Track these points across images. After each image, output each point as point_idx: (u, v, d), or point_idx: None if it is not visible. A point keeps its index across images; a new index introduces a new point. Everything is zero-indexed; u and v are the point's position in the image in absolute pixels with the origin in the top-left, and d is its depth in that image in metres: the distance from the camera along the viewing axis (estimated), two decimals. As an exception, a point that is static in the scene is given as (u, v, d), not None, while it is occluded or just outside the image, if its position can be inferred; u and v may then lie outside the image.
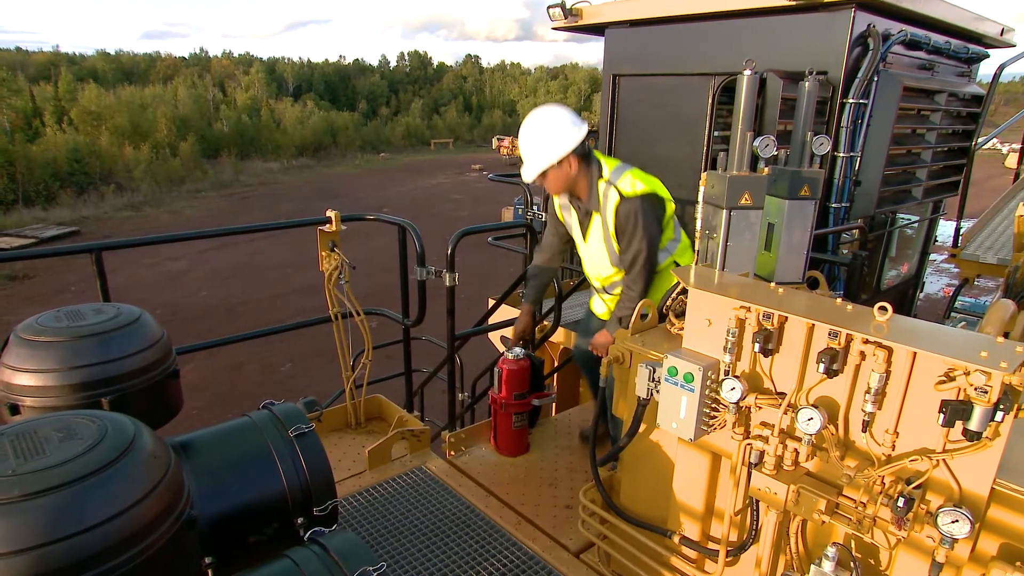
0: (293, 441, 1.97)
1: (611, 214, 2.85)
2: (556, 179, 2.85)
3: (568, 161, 2.79)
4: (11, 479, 1.03)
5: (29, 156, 26.14)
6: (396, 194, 30.59)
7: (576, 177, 2.86)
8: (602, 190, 2.85)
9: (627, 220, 2.80)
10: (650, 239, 2.82)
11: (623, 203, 2.80)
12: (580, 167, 2.84)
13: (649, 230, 2.81)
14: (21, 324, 1.71)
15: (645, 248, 2.82)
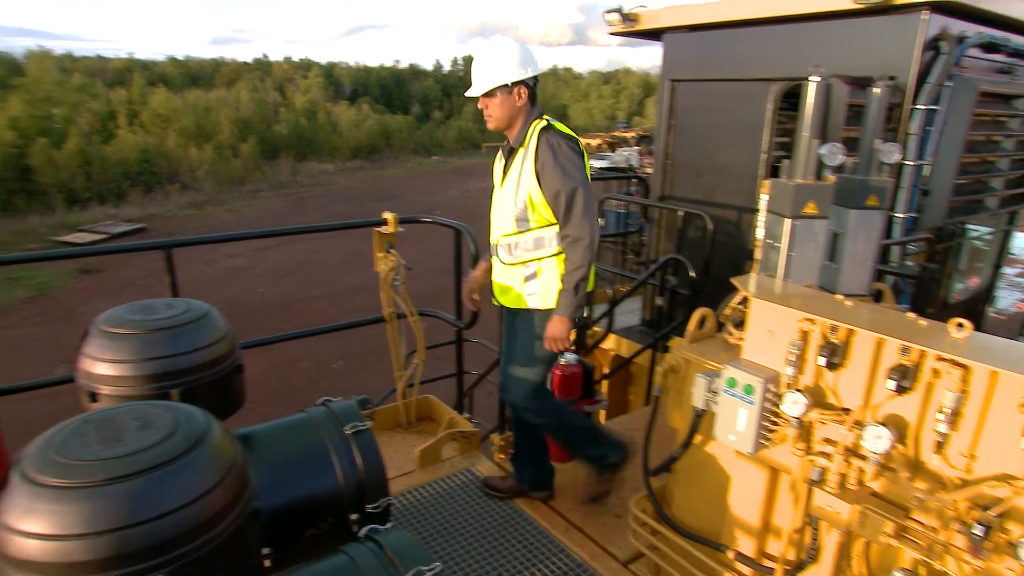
0: (350, 438, 2.00)
1: (533, 143, 2.60)
2: (501, 106, 2.64)
3: (520, 90, 2.62)
4: (95, 464, 1.08)
5: (103, 156, 27.46)
6: (447, 196, 30.90)
7: (519, 112, 2.66)
8: (533, 126, 2.64)
9: (555, 152, 2.54)
10: (585, 181, 2.57)
11: (550, 132, 2.59)
12: (525, 105, 2.66)
13: (583, 173, 2.58)
14: (100, 316, 1.80)
15: (582, 187, 2.54)
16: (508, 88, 2.61)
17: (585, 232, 2.53)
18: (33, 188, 25.38)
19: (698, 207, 4.78)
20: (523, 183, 2.62)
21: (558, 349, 2.70)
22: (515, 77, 2.59)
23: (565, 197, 2.52)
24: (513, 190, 2.66)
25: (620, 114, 74.02)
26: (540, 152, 2.57)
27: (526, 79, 2.62)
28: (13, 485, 1.06)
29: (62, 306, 14.74)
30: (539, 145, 2.58)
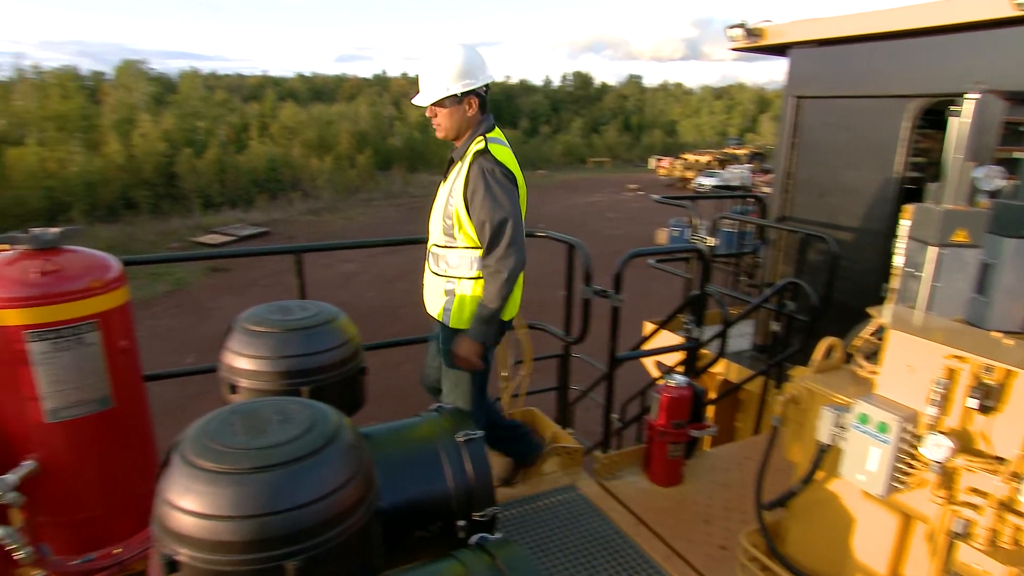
0: (461, 446, 2.04)
1: (467, 163, 2.49)
2: (450, 116, 2.53)
3: (470, 100, 2.50)
4: (243, 452, 1.16)
5: (237, 165, 29.83)
6: (553, 210, 31.07)
7: (468, 123, 2.55)
8: (475, 143, 2.51)
9: (486, 181, 2.41)
10: (515, 212, 2.45)
11: (484, 155, 2.45)
12: (476, 115, 2.55)
13: (514, 206, 2.45)
14: (242, 314, 1.95)
15: (511, 219, 2.42)
16: (457, 98, 2.48)
17: (506, 266, 2.44)
18: (177, 193, 27.91)
19: (820, 229, 4.54)
20: (452, 200, 2.54)
21: (467, 367, 2.65)
22: (465, 87, 2.47)
23: (491, 228, 2.42)
24: (443, 203, 2.60)
25: (732, 130, 71.80)
26: (471, 177, 2.45)
27: (477, 88, 2.50)
28: (174, 465, 1.17)
29: (194, 300, 16.06)
30: (471, 169, 2.45)
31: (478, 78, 2.48)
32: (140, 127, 29.18)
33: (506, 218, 2.40)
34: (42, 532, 2.42)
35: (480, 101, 2.52)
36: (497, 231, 2.40)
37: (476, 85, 2.47)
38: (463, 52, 2.47)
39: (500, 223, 2.39)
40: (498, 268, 2.43)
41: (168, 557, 1.13)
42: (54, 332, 2.15)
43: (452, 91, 2.45)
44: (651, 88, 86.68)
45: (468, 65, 2.46)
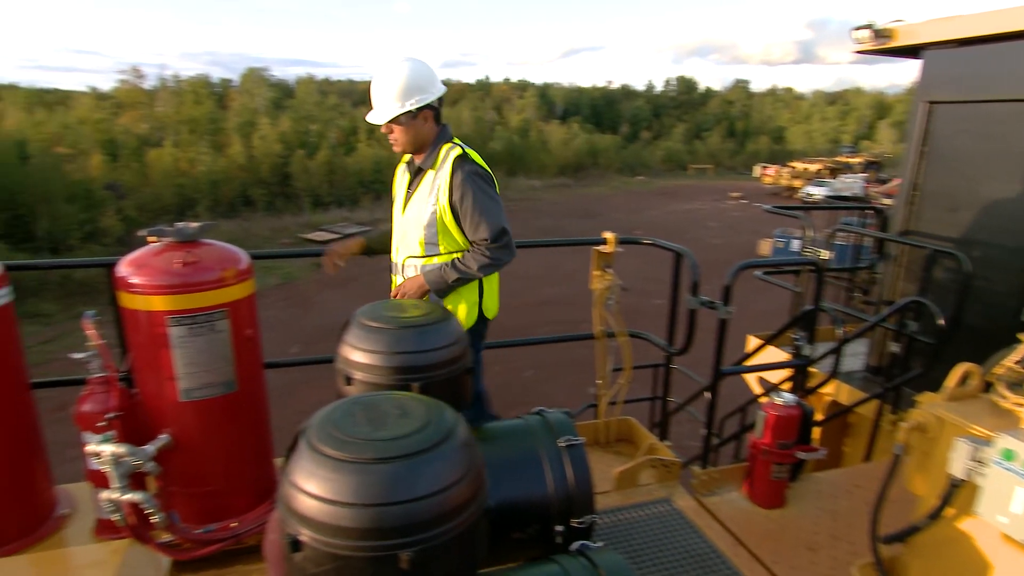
0: (563, 451, 2.04)
1: (448, 170, 2.51)
2: (407, 131, 2.57)
3: (425, 114, 2.55)
4: (365, 443, 1.21)
5: (345, 166, 31.29)
6: (650, 217, 30.56)
7: (426, 135, 2.59)
8: (444, 150, 2.57)
9: (474, 184, 2.48)
10: (503, 213, 2.55)
11: (465, 162, 2.51)
12: (432, 127, 2.60)
13: (500, 204, 2.55)
14: (360, 309, 2.04)
15: (507, 225, 2.54)
16: (412, 114, 2.52)
17: (499, 257, 2.54)
18: (289, 192, 29.62)
19: (950, 245, 4.20)
20: (432, 208, 2.55)
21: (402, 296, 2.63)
22: (418, 103, 2.50)
23: (491, 229, 2.49)
24: (421, 213, 2.60)
25: (845, 138, 67.78)
26: (458, 184, 2.48)
27: (431, 102, 2.53)
28: (301, 450, 1.24)
29: (301, 294, 16.96)
30: (455, 175, 2.49)
31: (430, 92, 2.52)
32: (260, 130, 31.23)
33: (501, 226, 2.50)
34: (171, 501, 2.63)
35: (435, 114, 2.58)
36: (498, 232, 2.50)
37: (429, 100, 2.51)
38: (413, 68, 2.50)
39: (499, 225, 2.50)
40: (492, 257, 2.51)
41: (292, 536, 1.20)
42: (190, 318, 2.34)
43: (407, 108, 2.48)
44: (759, 93, 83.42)
45: (419, 81, 2.49)
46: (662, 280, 3.40)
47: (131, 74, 40.57)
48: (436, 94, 2.53)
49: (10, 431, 2.57)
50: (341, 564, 1.17)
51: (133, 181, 25.33)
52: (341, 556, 1.16)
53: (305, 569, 1.20)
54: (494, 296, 2.80)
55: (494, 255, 2.49)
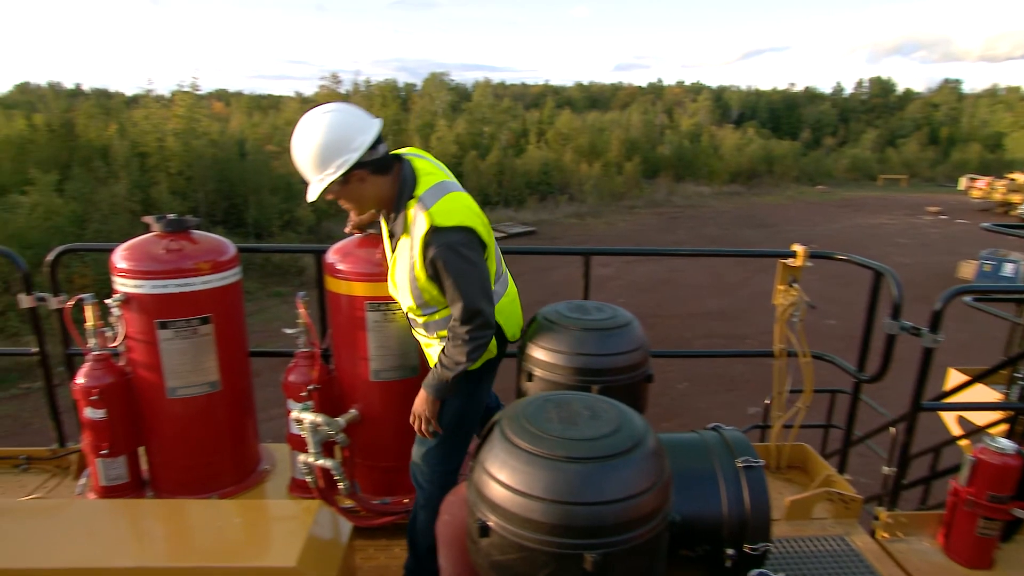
0: (740, 471, 1.95)
1: (419, 245, 2.13)
2: (350, 199, 2.20)
3: (360, 175, 2.12)
4: (557, 441, 1.24)
5: (513, 168, 32.24)
6: (829, 230, 28.26)
7: (376, 192, 2.19)
8: (412, 213, 2.15)
9: (445, 260, 2.08)
10: (483, 280, 2.14)
11: (435, 235, 2.09)
12: (381, 181, 2.17)
13: (478, 270, 2.13)
14: (544, 309, 2.09)
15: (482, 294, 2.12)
16: (343, 180, 2.12)
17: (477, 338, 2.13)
18: (461, 190, 31.16)
19: None
20: (413, 280, 2.22)
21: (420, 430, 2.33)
22: (340, 169, 2.09)
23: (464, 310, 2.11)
24: (406, 282, 2.27)
25: (1084, 147, 57.81)
26: (430, 260, 2.13)
27: (360, 159, 2.09)
28: (495, 439, 1.29)
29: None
30: (427, 251, 2.12)
31: (349, 151, 2.08)
32: (438, 131, 33.10)
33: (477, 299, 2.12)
34: (354, 471, 2.87)
35: (374, 165, 2.14)
36: (470, 314, 2.12)
37: (350, 162, 2.08)
38: (326, 128, 2.10)
39: (472, 306, 2.11)
40: (472, 339, 2.14)
41: (481, 521, 1.26)
42: (385, 305, 2.54)
43: (327, 180, 2.11)
44: (972, 94, 73.75)
45: (334, 142, 2.08)
46: (836, 299, 3.13)
47: (330, 80, 45.00)
48: (358, 151, 2.08)
49: (233, 391, 2.95)
50: (526, 555, 1.20)
51: (326, 176, 28.00)
52: (527, 547, 1.20)
53: (490, 555, 1.25)
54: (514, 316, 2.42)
55: (472, 336, 2.13)
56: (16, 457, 3.40)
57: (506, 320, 2.31)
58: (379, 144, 2.13)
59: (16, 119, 21.01)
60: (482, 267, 2.15)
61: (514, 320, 2.37)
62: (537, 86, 75.49)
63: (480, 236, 2.16)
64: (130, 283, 2.65)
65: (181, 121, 21.36)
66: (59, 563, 2.06)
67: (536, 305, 2.41)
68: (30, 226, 13.91)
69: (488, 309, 2.11)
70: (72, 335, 2.90)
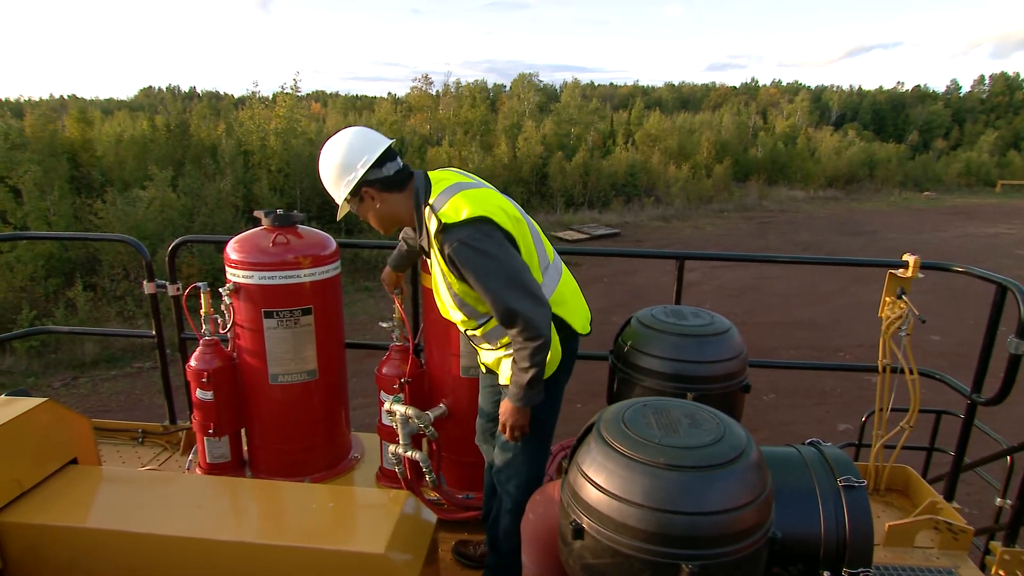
0: (841, 491, 1.86)
1: (436, 252, 2.14)
2: (370, 217, 2.25)
3: (368, 195, 2.18)
4: (657, 447, 1.22)
5: (599, 169, 32.00)
6: (935, 239, 26.43)
7: (391, 210, 2.21)
8: (427, 220, 2.14)
9: (461, 258, 2.01)
10: (510, 275, 1.99)
11: (445, 233, 2.04)
12: (393, 198, 2.18)
13: (502, 264, 1.99)
14: (639, 312, 2.06)
15: (511, 290, 1.97)
16: (358, 198, 2.20)
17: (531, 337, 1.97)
18: (545, 191, 31.18)
19: None
20: (450, 290, 2.20)
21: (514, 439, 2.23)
22: (344, 191, 2.18)
23: (499, 311, 2.00)
24: (447, 296, 2.26)
25: None
26: (451, 266, 2.08)
27: (366, 177, 2.14)
28: (593, 441, 1.29)
29: (548, 289, 17.72)
30: (443, 256, 2.08)
31: (353, 170, 2.15)
32: (525, 132, 33.28)
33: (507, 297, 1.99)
34: (440, 465, 2.93)
35: (382, 182, 2.17)
36: (509, 315, 2.00)
37: (355, 180, 2.15)
38: (337, 148, 2.19)
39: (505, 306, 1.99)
40: (523, 343, 2.02)
41: (576, 523, 1.25)
42: (478, 303, 2.57)
43: (342, 196, 2.20)
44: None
45: (344, 161, 2.17)
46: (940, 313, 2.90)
47: (421, 81, 46.17)
48: (363, 169, 2.15)
49: (329, 381, 3.08)
50: (620, 561, 1.19)
51: (414, 175, 28.81)
52: (621, 553, 1.19)
53: (583, 557, 1.25)
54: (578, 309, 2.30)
55: (526, 338, 2.00)
56: (134, 431, 3.69)
57: (571, 313, 2.21)
58: (387, 162, 2.16)
59: (140, 121, 22.78)
60: (507, 259, 2.01)
61: (579, 312, 2.26)
62: (626, 86, 74.59)
63: (500, 226, 2.04)
64: (240, 273, 2.82)
65: (282, 121, 22.49)
66: (168, 531, 2.22)
67: (618, 308, 2.38)
68: (147, 218, 15.05)
69: (526, 304, 1.96)
70: (187, 320, 3.11)
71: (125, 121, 23.71)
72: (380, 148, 2.15)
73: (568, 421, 7.00)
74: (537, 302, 1.98)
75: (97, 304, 13.03)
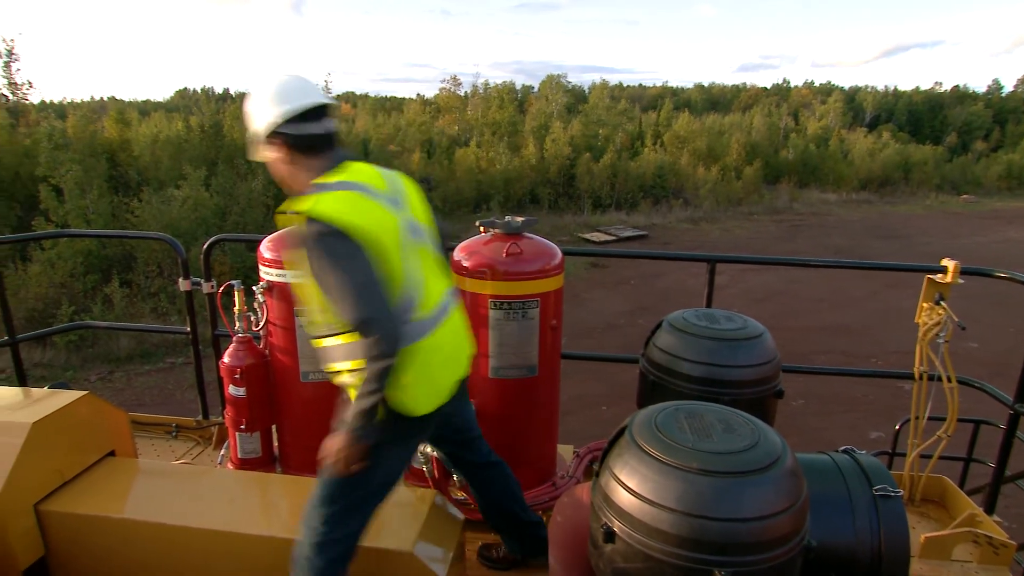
0: (876, 500, 1.83)
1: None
2: (274, 172, 1.99)
3: (276, 146, 1.92)
4: (691, 452, 1.21)
5: (627, 170, 31.78)
6: (972, 244, 25.74)
7: (294, 175, 1.94)
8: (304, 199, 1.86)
9: (313, 253, 1.75)
10: (356, 287, 1.71)
11: (310, 224, 1.76)
12: (299, 161, 1.92)
13: (347, 273, 1.71)
14: (670, 315, 2.05)
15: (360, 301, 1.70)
16: (266, 144, 1.94)
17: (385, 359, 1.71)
18: (573, 192, 31.09)
19: None
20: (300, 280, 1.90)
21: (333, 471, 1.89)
22: (255, 131, 1.93)
23: (346, 317, 1.75)
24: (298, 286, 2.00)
25: None
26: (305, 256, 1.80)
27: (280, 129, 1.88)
28: (625, 444, 1.28)
29: (572, 290, 17.66)
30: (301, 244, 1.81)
31: (273, 114, 1.90)
32: (552, 133, 33.22)
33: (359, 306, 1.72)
34: (468, 464, 2.94)
35: (294, 139, 1.90)
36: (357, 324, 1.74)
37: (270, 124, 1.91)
38: (256, 91, 1.96)
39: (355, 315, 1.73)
40: (370, 357, 1.74)
41: (607, 526, 1.25)
42: (507, 304, 2.58)
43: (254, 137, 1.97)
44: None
45: (256, 105, 1.94)
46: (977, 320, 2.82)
47: (450, 83, 46.39)
48: (278, 118, 1.89)
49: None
50: (652, 566, 1.18)
51: (441, 175, 28.88)
52: (653, 558, 1.18)
53: (614, 561, 1.24)
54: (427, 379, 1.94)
55: (373, 355, 1.72)
56: (169, 425, 3.77)
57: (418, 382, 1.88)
58: (311, 121, 1.89)
59: (175, 121, 23.27)
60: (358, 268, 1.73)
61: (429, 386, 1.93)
62: (655, 87, 73.98)
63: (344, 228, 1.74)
64: (273, 272, 2.86)
65: (313, 122, 22.74)
66: (200, 524, 2.26)
67: (644, 311, 2.36)
68: (181, 217, 15.35)
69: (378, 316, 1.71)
70: (221, 317, 3.17)
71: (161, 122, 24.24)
72: (307, 101, 1.89)
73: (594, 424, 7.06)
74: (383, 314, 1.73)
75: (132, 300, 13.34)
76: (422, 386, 1.88)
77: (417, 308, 1.88)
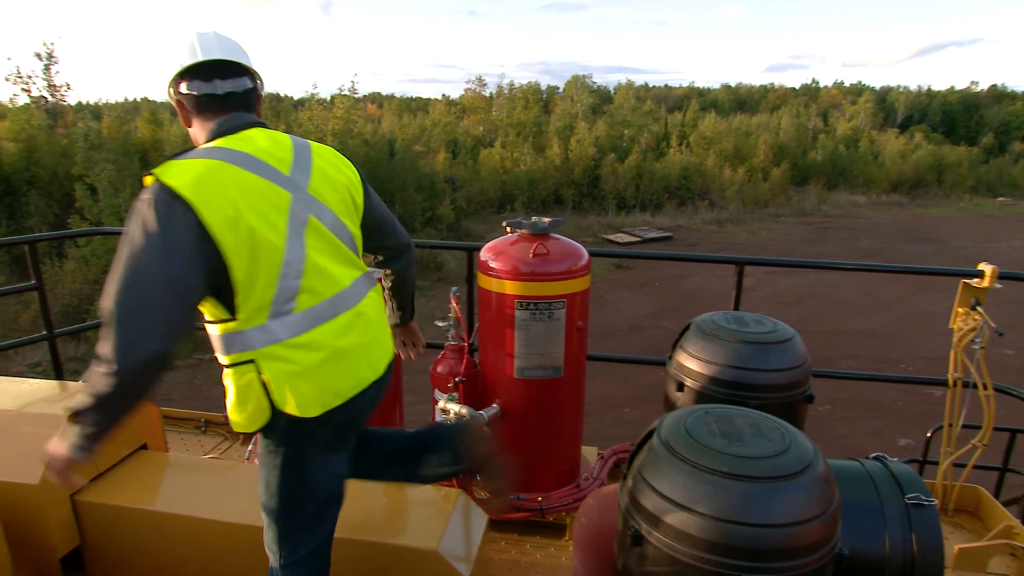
0: (908, 509, 1.79)
1: None
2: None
3: (177, 103, 1.73)
4: (722, 456, 1.20)
5: (652, 171, 31.60)
6: (1009, 248, 25.12)
7: (193, 135, 1.76)
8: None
9: (127, 222, 1.49)
10: (133, 272, 1.42)
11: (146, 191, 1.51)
12: (193, 121, 1.73)
13: (140, 253, 1.42)
14: (699, 318, 2.03)
15: (119, 285, 1.41)
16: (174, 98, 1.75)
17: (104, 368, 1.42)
18: (597, 193, 31.00)
19: None
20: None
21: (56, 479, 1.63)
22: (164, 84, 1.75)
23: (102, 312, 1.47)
24: None
25: None
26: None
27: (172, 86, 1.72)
28: (654, 447, 1.28)
29: (595, 291, 17.56)
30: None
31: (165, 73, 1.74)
32: (577, 134, 33.16)
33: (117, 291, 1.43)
34: (492, 464, 2.94)
35: (185, 97, 1.71)
36: (103, 314, 1.44)
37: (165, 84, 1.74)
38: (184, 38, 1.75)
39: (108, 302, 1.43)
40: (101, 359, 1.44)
41: (635, 529, 1.24)
42: (535, 304, 2.58)
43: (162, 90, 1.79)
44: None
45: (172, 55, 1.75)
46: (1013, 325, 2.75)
47: (475, 83, 46.58)
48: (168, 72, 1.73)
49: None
50: (680, 570, 1.17)
51: (465, 176, 28.98)
52: (680, 562, 1.17)
53: (641, 564, 1.24)
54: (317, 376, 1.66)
55: (101, 359, 1.43)
56: (198, 420, 3.83)
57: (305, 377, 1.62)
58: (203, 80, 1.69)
59: (204, 121, 23.75)
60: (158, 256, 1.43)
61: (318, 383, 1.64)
62: (681, 88, 73.45)
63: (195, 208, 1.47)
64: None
65: (339, 122, 23.02)
66: (228, 518, 2.30)
67: (670, 312, 2.35)
68: (210, 215, 15.65)
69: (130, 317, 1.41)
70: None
71: (191, 122, 24.75)
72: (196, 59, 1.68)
73: (617, 426, 7.04)
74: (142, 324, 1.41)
75: (161, 297, 13.62)
76: (309, 382, 1.62)
77: (304, 296, 1.62)
